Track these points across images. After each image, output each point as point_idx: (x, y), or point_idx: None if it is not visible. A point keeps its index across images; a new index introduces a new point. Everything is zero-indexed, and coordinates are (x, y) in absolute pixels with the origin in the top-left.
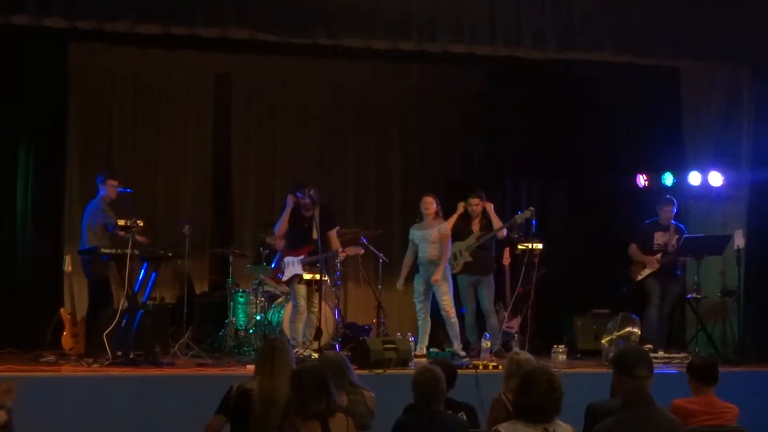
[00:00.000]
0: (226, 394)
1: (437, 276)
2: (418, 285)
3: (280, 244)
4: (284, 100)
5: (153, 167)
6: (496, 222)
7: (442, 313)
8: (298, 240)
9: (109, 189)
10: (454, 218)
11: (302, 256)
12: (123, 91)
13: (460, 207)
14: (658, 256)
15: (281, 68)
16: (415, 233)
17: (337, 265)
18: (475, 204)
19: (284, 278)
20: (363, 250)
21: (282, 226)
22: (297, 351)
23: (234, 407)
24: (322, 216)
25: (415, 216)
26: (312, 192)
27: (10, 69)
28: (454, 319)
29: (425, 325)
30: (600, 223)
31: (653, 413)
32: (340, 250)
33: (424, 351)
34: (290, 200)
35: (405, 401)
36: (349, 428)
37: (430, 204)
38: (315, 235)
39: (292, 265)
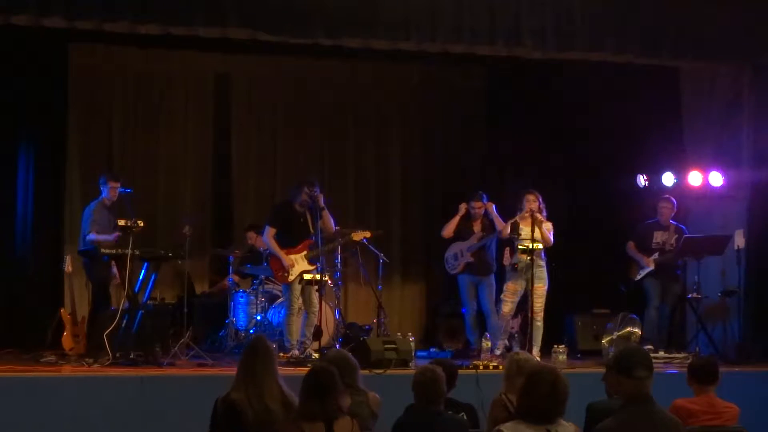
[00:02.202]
0: (213, 413)
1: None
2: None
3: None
4: (284, 100)
5: (153, 167)
6: (498, 222)
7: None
8: (294, 238)
9: (111, 191)
10: (456, 219)
11: (304, 252)
12: (123, 91)
13: (462, 208)
14: (656, 255)
15: (281, 68)
16: (524, 230)
17: (336, 265)
18: (478, 207)
19: (292, 277)
20: (370, 233)
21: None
22: (293, 353)
23: (223, 423)
24: (314, 215)
25: (415, 216)
26: (315, 190)
27: (10, 69)
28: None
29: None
30: (600, 223)
31: (653, 413)
32: (341, 240)
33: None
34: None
35: (405, 401)
36: (354, 431)
37: (535, 202)
38: (312, 229)
39: (297, 264)
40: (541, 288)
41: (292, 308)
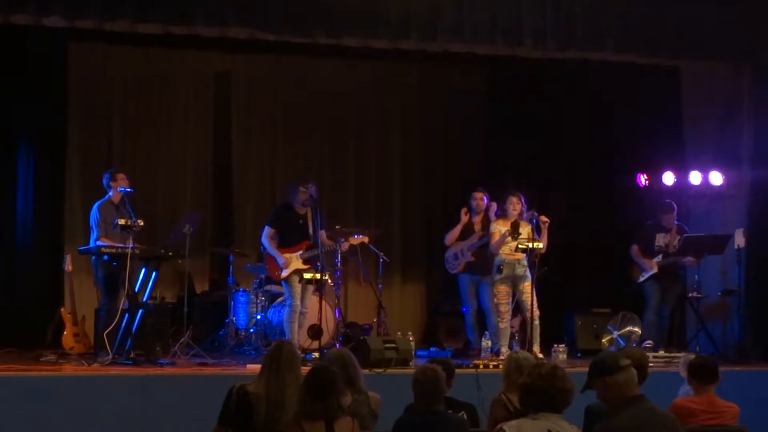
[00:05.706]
0: (226, 401)
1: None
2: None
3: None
4: (284, 99)
5: (153, 167)
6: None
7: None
8: (293, 238)
9: (121, 183)
10: (459, 227)
11: (300, 251)
12: (123, 91)
13: (464, 215)
14: (659, 257)
15: (281, 68)
16: (524, 230)
17: (336, 264)
18: (479, 198)
19: (285, 274)
20: (368, 238)
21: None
22: None
23: (235, 412)
24: (315, 215)
25: (415, 216)
26: (311, 188)
27: (10, 69)
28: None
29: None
30: (600, 222)
31: (651, 411)
32: (343, 240)
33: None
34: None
35: (405, 401)
36: (354, 431)
37: (518, 204)
38: (311, 231)
39: (291, 262)
40: (528, 285)
41: (294, 306)
